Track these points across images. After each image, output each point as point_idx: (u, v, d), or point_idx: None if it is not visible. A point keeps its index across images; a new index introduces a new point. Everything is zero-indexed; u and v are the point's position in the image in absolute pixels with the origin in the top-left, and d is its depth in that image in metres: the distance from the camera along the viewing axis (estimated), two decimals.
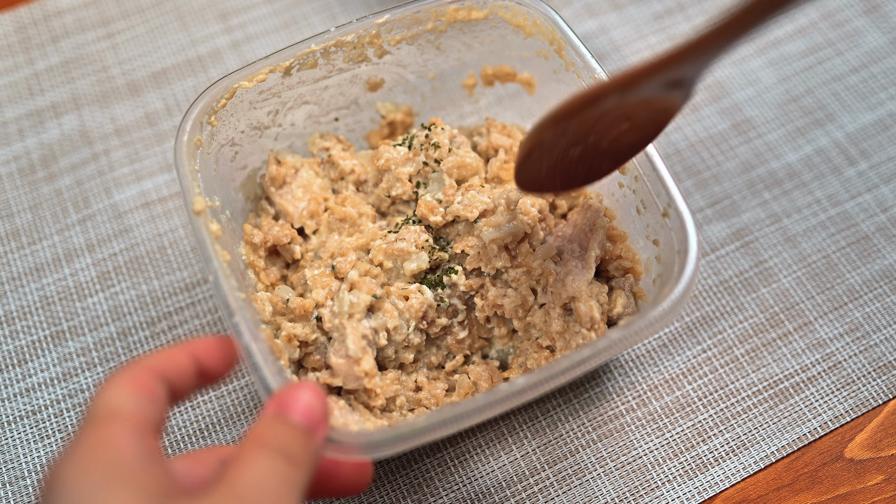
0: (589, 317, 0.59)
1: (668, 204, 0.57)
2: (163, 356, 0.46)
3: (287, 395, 0.46)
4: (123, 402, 0.42)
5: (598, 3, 0.87)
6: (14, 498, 0.63)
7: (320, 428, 0.46)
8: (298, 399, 0.46)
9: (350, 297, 0.59)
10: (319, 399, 0.46)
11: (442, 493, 0.63)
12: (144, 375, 0.44)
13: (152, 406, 0.43)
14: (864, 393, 0.67)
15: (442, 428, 0.49)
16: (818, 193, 0.75)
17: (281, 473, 0.42)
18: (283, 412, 0.45)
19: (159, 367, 0.45)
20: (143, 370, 0.45)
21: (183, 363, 0.46)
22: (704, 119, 0.80)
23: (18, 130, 0.79)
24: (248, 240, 0.64)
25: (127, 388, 0.43)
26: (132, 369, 0.44)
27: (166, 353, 0.47)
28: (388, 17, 0.64)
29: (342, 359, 0.58)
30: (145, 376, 0.44)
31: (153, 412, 0.43)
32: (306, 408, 0.45)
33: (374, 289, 0.60)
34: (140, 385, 0.43)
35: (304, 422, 0.45)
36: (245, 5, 0.86)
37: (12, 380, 0.68)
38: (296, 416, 0.45)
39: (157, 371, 0.45)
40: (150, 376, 0.44)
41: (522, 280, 0.62)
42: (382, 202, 0.67)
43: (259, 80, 0.63)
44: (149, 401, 0.43)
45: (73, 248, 0.74)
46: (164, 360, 0.46)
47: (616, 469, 0.64)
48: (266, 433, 0.43)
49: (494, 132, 0.68)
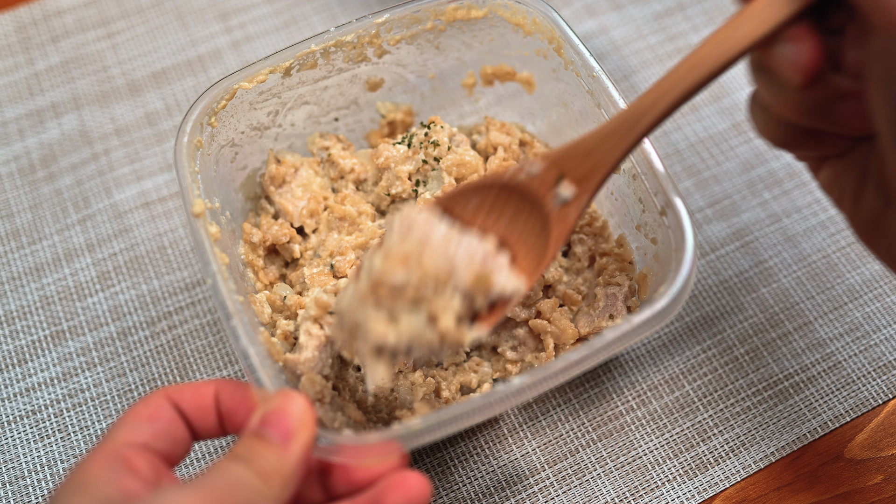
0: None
1: (665, 202, 0.57)
2: (187, 387, 0.49)
3: (267, 413, 0.47)
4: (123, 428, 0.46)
5: (598, 3, 0.87)
6: (14, 498, 0.63)
7: (297, 439, 0.46)
8: (277, 414, 0.46)
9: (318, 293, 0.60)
10: (300, 407, 0.47)
11: (442, 493, 0.63)
12: (159, 402, 0.48)
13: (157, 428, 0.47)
14: (864, 393, 0.67)
15: (440, 429, 0.49)
16: (818, 193, 0.75)
17: (241, 476, 0.43)
18: (260, 429, 0.46)
19: (178, 396, 0.49)
20: (160, 397, 0.48)
21: (205, 398, 0.49)
22: (704, 119, 0.80)
23: (18, 130, 0.79)
24: (247, 239, 0.64)
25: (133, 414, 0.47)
26: (150, 396, 0.48)
27: (191, 384, 0.50)
28: (387, 16, 0.64)
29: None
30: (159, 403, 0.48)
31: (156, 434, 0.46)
32: (283, 422, 0.46)
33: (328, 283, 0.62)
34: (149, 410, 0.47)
35: (280, 436, 0.46)
36: (245, 5, 0.86)
37: (12, 380, 0.68)
38: (272, 430, 0.46)
39: (174, 399, 0.48)
40: (166, 402, 0.48)
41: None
42: (382, 200, 0.67)
43: (259, 81, 0.63)
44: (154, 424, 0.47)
45: (73, 247, 0.74)
46: (187, 390, 0.49)
47: (616, 469, 0.64)
48: (243, 449, 0.45)
49: (493, 130, 0.68)
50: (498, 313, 0.52)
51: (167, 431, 0.47)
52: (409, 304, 0.49)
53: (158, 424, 0.47)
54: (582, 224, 0.66)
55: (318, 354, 0.57)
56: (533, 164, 0.52)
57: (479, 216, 0.54)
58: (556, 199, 0.52)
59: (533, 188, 0.52)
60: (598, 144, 0.51)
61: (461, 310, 0.50)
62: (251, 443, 0.45)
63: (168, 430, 0.47)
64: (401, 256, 0.48)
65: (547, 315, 0.62)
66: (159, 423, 0.47)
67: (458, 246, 0.50)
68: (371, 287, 0.49)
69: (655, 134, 0.78)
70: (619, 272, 0.63)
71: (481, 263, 0.50)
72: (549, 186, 0.52)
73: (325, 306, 0.58)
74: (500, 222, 0.54)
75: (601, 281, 0.64)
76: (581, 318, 0.63)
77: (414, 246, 0.49)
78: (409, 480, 0.47)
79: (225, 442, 0.65)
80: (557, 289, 0.64)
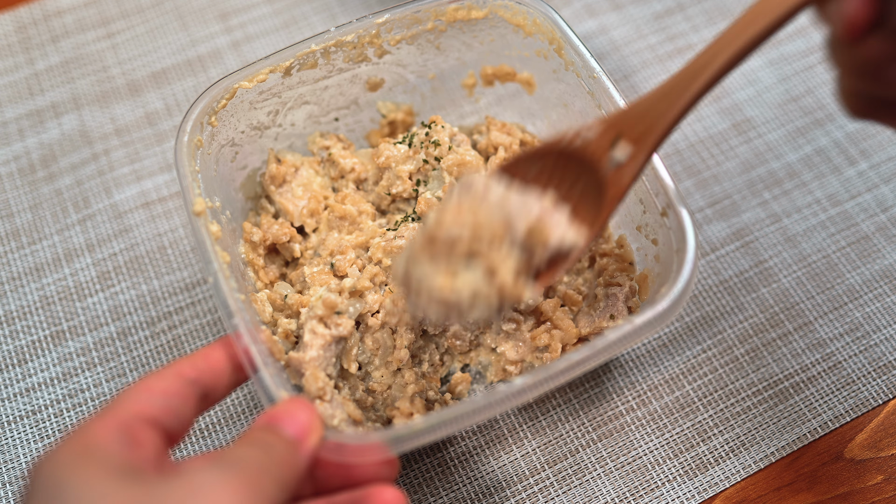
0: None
1: (666, 203, 0.57)
2: (198, 357, 0.48)
3: (278, 410, 0.47)
4: (134, 397, 0.45)
5: (598, 3, 0.87)
6: (14, 498, 0.63)
7: (308, 440, 0.46)
8: (289, 413, 0.47)
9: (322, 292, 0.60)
10: (309, 413, 0.47)
11: (442, 493, 0.63)
12: (172, 378, 0.46)
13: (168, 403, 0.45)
14: (864, 393, 0.67)
15: (442, 428, 0.49)
16: (818, 193, 0.75)
17: (263, 460, 0.42)
18: (273, 424, 0.46)
19: (193, 370, 0.47)
20: (173, 373, 0.47)
21: (219, 362, 0.49)
22: (704, 119, 0.80)
23: (18, 130, 0.79)
24: (248, 238, 0.64)
25: (146, 386, 0.45)
26: (162, 371, 0.47)
27: (202, 353, 0.49)
28: (387, 16, 0.64)
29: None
30: (172, 378, 0.46)
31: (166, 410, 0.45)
32: (296, 421, 0.46)
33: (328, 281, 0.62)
34: (163, 385, 0.46)
35: (294, 434, 0.46)
36: (245, 5, 0.86)
37: (12, 380, 0.68)
38: (286, 427, 0.46)
39: (188, 375, 0.47)
40: (178, 379, 0.46)
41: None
42: (383, 200, 0.67)
43: (259, 81, 0.63)
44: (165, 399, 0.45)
45: (73, 247, 0.74)
46: (199, 361, 0.48)
47: (616, 469, 0.64)
48: (258, 439, 0.44)
49: (494, 130, 0.68)
50: (558, 269, 0.51)
51: (177, 409, 0.46)
52: (465, 258, 0.48)
53: (172, 400, 0.45)
54: None
55: (322, 353, 0.57)
56: (590, 128, 0.52)
57: (539, 182, 0.54)
58: (612, 161, 0.52)
59: (589, 152, 0.52)
60: (656, 103, 0.50)
61: (519, 264, 0.49)
62: (264, 435, 0.45)
63: (179, 409, 0.46)
64: (455, 208, 0.48)
65: (549, 315, 0.63)
66: (173, 400, 0.45)
67: (516, 202, 0.50)
68: (426, 241, 0.49)
69: None
70: (619, 273, 0.63)
71: (538, 216, 0.50)
72: (605, 150, 0.52)
73: (333, 306, 0.58)
74: (561, 187, 0.54)
75: (602, 281, 0.64)
76: (582, 318, 0.63)
77: (470, 201, 0.49)
78: (385, 494, 0.47)
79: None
80: (558, 289, 0.65)
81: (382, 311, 0.61)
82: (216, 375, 0.48)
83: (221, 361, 0.49)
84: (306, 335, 0.58)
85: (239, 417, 0.66)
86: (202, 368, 0.48)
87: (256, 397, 0.67)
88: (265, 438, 0.45)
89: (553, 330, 0.62)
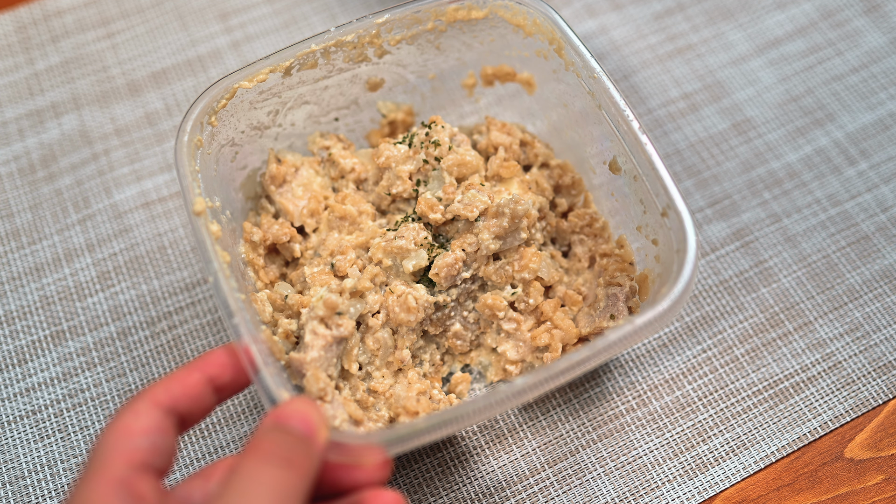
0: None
1: (666, 204, 0.57)
2: (173, 383, 0.47)
3: (284, 408, 0.47)
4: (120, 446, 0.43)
5: (598, 3, 0.87)
6: (14, 498, 0.63)
7: (319, 434, 0.46)
8: (295, 409, 0.46)
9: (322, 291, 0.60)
10: (316, 410, 0.47)
11: (442, 493, 0.63)
12: (150, 412, 0.45)
13: (154, 442, 0.44)
14: (864, 393, 0.67)
15: (442, 428, 0.49)
16: (818, 193, 0.75)
17: (281, 479, 0.42)
18: (280, 422, 0.46)
19: (168, 397, 0.46)
20: (149, 405, 0.45)
21: (195, 387, 0.47)
22: (704, 119, 0.80)
23: (18, 130, 0.79)
24: (248, 238, 0.64)
25: (127, 428, 0.44)
26: (138, 404, 0.45)
27: (177, 377, 0.47)
28: (387, 16, 0.64)
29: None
30: (150, 413, 0.45)
31: (153, 450, 0.44)
32: (304, 416, 0.46)
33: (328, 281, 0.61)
34: (143, 424, 0.44)
35: (303, 429, 0.45)
36: (245, 5, 0.86)
37: (12, 380, 0.68)
38: (294, 423, 0.46)
39: (164, 404, 0.46)
40: (156, 411, 0.45)
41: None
42: (383, 200, 0.67)
43: (259, 81, 0.63)
44: (149, 439, 0.44)
45: (73, 247, 0.74)
46: (174, 387, 0.47)
47: (616, 469, 0.64)
48: (265, 441, 0.44)
49: (494, 130, 0.68)
50: None
51: (161, 446, 0.44)
52: None
53: (154, 438, 0.44)
54: (582, 225, 0.66)
55: (323, 354, 0.57)
56: None
57: None
58: None
59: None
60: None
61: None
62: (274, 436, 0.44)
63: (162, 445, 0.45)
64: None
65: (549, 315, 0.63)
66: (155, 437, 0.44)
67: None
68: None
69: (655, 134, 0.79)
70: (619, 273, 0.63)
71: None
72: None
73: (333, 307, 0.58)
74: None
75: (602, 281, 0.64)
76: (582, 318, 0.63)
77: None
78: (385, 497, 0.47)
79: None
80: (558, 289, 0.65)
81: (383, 312, 0.61)
82: (192, 400, 0.47)
83: (198, 386, 0.47)
84: (307, 336, 0.58)
85: (239, 418, 0.66)
86: (177, 394, 0.46)
87: (257, 398, 0.67)
88: (274, 443, 0.44)
89: (553, 330, 0.62)
